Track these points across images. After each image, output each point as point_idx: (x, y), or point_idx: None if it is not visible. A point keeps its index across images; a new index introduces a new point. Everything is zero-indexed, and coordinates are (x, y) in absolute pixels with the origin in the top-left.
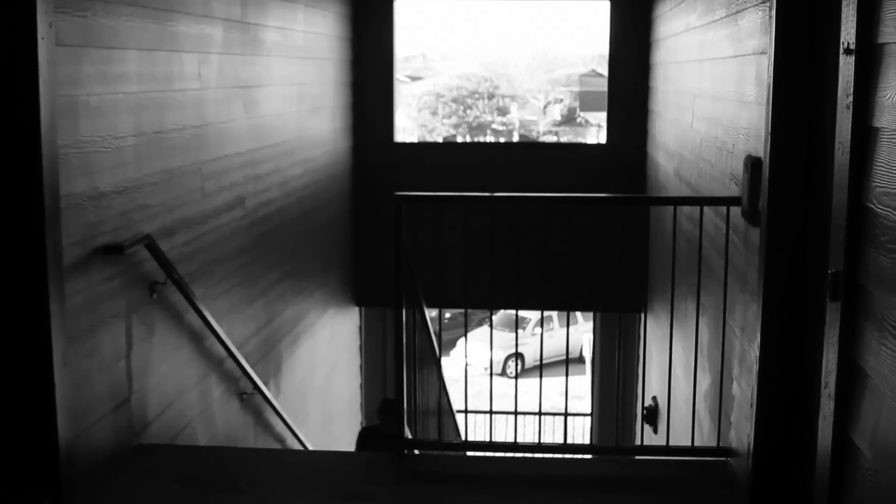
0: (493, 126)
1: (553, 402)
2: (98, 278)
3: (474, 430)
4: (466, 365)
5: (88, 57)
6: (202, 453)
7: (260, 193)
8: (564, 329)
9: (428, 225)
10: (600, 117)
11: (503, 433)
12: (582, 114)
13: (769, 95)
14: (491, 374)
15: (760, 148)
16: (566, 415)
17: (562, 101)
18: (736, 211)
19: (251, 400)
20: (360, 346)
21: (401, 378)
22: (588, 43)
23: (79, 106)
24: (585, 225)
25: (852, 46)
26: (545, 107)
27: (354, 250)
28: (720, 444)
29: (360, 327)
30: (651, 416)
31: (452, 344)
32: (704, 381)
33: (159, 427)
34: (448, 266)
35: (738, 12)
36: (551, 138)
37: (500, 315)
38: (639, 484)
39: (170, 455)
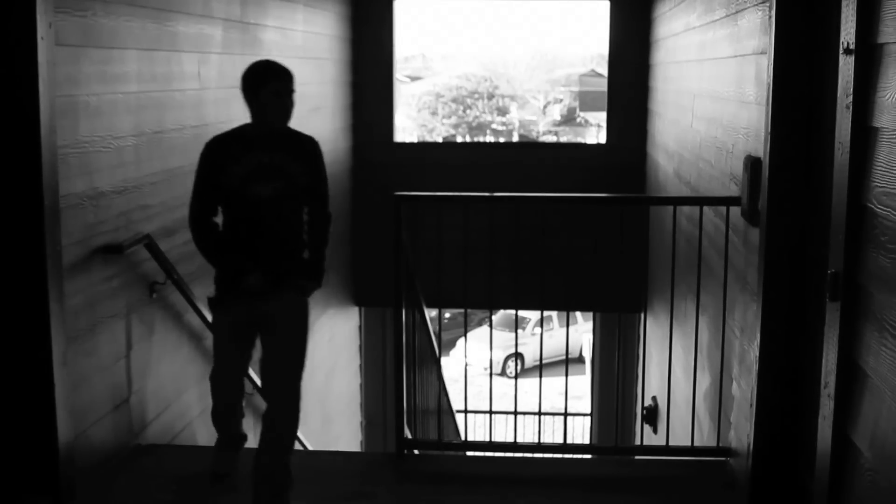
0: (493, 126)
1: (553, 402)
2: (98, 278)
3: (474, 430)
4: (466, 365)
5: (88, 57)
6: (202, 453)
7: None
8: (564, 329)
9: (428, 225)
10: (600, 117)
11: (503, 433)
12: (582, 114)
13: (769, 95)
14: (491, 374)
15: (760, 148)
16: (566, 415)
17: (561, 101)
18: (736, 211)
19: (251, 400)
20: (360, 346)
21: (401, 378)
22: (588, 43)
23: (78, 106)
24: (585, 225)
25: (852, 46)
26: (545, 107)
27: (354, 250)
28: (720, 444)
29: (360, 327)
30: (651, 416)
31: (452, 344)
32: (704, 381)
33: (159, 427)
34: (448, 266)
35: (737, 12)
36: (551, 138)
37: (500, 315)
38: (638, 484)
39: (169, 455)
